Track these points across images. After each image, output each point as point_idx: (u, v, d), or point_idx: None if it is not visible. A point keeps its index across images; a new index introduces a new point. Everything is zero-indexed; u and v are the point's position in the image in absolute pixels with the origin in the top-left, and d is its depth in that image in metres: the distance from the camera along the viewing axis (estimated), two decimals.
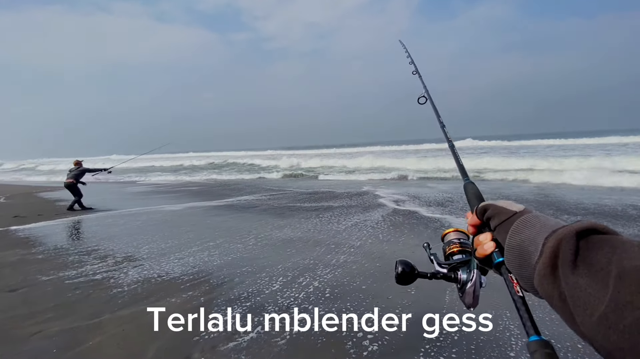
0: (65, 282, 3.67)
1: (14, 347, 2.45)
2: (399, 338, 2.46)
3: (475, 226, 0.67)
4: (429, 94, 1.26)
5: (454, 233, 0.77)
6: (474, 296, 0.68)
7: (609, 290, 0.38)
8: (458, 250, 0.74)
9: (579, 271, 0.42)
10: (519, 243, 0.53)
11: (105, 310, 2.99)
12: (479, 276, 0.68)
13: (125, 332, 2.64)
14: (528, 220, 0.54)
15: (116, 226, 6.53)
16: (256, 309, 2.89)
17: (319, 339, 2.48)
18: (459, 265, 0.72)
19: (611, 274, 0.38)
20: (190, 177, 19.79)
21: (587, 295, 0.40)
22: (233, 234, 5.50)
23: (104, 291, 3.40)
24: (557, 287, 0.44)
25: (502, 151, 24.44)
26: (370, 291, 3.22)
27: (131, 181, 18.55)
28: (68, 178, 8.92)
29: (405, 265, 0.73)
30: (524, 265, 0.51)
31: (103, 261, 4.35)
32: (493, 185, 10.94)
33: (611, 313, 0.36)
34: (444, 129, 1.12)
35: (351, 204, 8.04)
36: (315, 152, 36.54)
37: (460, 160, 0.97)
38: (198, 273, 3.78)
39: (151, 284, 3.54)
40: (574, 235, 0.44)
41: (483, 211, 0.64)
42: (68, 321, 2.82)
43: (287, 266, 3.93)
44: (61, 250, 4.92)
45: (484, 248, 0.62)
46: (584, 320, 0.40)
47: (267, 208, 8.04)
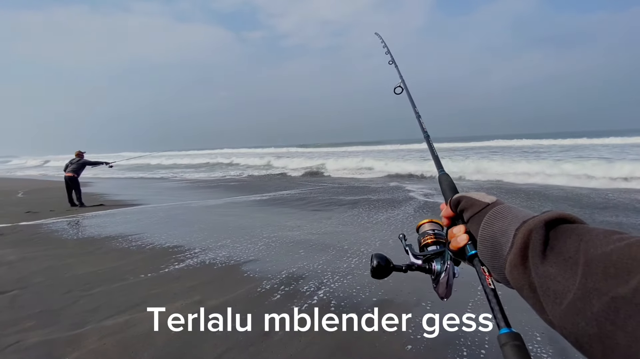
0: (58, 285, 3.49)
1: None
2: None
3: (449, 218, 0.67)
4: (405, 84, 1.27)
5: (428, 224, 0.77)
6: (447, 287, 0.69)
7: (577, 278, 0.38)
8: (432, 241, 0.74)
9: (548, 261, 0.42)
10: (491, 234, 0.53)
11: (89, 320, 2.76)
12: (452, 267, 0.69)
13: (106, 347, 2.39)
14: (499, 212, 0.55)
15: (131, 221, 6.40)
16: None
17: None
18: (433, 256, 0.72)
19: (579, 262, 0.39)
20: (222, 173, 19.96)
21: (556, 283, 0.40)
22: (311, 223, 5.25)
23: (96, 296, 3.19)
24: (527, 277, 0.44)
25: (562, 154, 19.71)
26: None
27: (162, 178, 18.60)
28: (68, 171, 8.79)
29: (380, 258, 0.73)
30: (496, 256, 0.52)
31: (103, 263, 4.16)
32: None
33: (579, 300, 0.37)
34: (419, 119, 1.13)
35: (386, 197, 8.68)
36: (338, 150, 36.11)
37: (435, 151, 0.97)
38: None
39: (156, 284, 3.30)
40: (543, 225, 0.45)
41: (456, 203, 0.64)
42: (48, 331, 2.60)
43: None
44: (63, 249, 4.79)
45: (457, 241, 0.62)
46: (553, 309, 0.40)
47: (312, 200, 8.62)
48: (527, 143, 32.54)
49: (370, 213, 6.75)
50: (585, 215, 6.17)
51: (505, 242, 0.50)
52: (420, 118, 1.14)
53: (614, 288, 0.35)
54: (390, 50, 1.50)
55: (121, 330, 2.60)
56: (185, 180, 17.02)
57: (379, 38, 1.65)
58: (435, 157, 0.95)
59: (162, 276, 3.67)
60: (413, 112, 1.17)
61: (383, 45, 1.55)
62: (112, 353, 2.32)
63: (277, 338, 2.48)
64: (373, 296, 3.06)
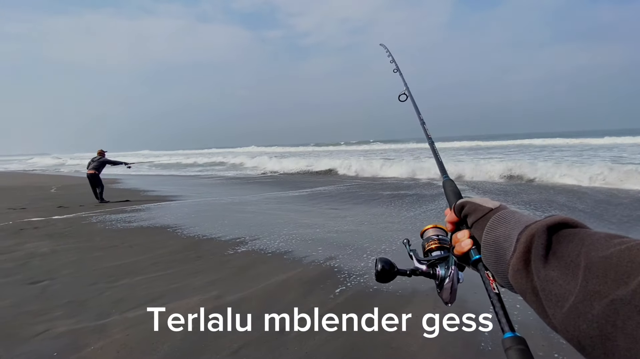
0: (85, 277, 3.64)
1: (13, 348, 2.36)
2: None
3: (453, 223, 0.68)
4: (409, 92, 1.29)
5: (432, 230, 0.78)
6: (451, 292, 0.69)
7: (578, 281, 0.38)
8: (436, 247, 0.74)
9: (550, 265, 0.43)
10: (494, 239, 0.54)
11: (113, 311, 2.86)
12: (457, 272, 0.69)
13: (129, 338, 2.47)
14: (503, 216, 0.55)
15: (155, 217, 6.62)
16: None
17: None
18: (437, 261, 0.72)
19: (580, 265, 0.39)
20: (256, 169, 20.18)
21: (557, 287, 0.41)
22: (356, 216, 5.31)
23: (120, 288, 3.31)
24: (530, 281, 0.45)
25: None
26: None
27: (194, 175, 18.82)
28: (90, 169, 9.27)
29: (384, 262, 0.73)
30: (499, 261, 0.52)
31: (128, 256, 4.32)
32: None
33: (580, 303, 0.37)
34: (424, 126, 1.15)
35: (423, 192, 9.20)
36: (364, 148, 35.43)
37: (440, 156, 0.98)
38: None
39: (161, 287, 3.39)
40: (545, 229, 0.45)
41: (460, 208, 0.65)
42: (75, 320, 2.72)
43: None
44: (91, 242, 5.00)
45: (461, 246, 0.62)
46: (555, 312, 0.40)
47: (350, 195, 9.20)
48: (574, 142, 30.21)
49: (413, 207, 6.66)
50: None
51: (508, 247, 0.50)
52: (424, 124, 1.16)
53: (614, 290, 0.35)
54: (395, 59, 1.59)
55: (143, 322, 2.68)
56: (238, 177, 17.08)
57: (384, 48, 1.75)
58: (439, 163, 0.96)
59: (182, 271, 3.76)
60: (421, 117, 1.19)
61: (388, 54, 1.64)
62: (134, 344, 2.40)
63: (293, 336, 2.48)
64: (392, 295, 3.01)
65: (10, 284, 3.48)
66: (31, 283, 3.50)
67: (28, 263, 4.11)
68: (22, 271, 3.86)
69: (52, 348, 2.36)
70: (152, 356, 2.26)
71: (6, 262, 4.16)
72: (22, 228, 6.01)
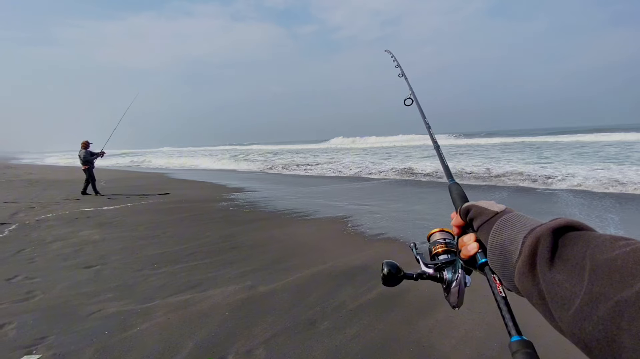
0: (132, 263, 3.93)
1: (71, 325, 2.61)
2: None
3: (459, 227, 0.68)
4: (415, 96, 1.31)
5: (439, 233, 0.78)
6: (458, 296, 0.68)
7: (583, 284, 0.38)
8: (443, 250, 0.74)
9: (555, 268, 0.43)
10: (500, 243, 0.54)
11: (156, 296, 3.07)
12: (464, 276, 0.69)
13: (170, 321, 2.65)
14: (508, 220, 0.55)
15: (191, 210, 6.99)
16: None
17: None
18: (445, 265, 0.72)
19: (585, 268, 0.39)
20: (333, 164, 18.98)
21: (563, 290, 0.41)
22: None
23: (162, 275, 3.54)
24: (536, 285, 0.45)
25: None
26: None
27: (261, 171, 17.72)
28: (83, 164, 9.87)
29: (391, 266, 0.73)
30: (505, 264, 0.52)
31: (168, 246, 4.60)
32: None
33: (586, 305, 0.37)
34: (429, 130, 1.16)
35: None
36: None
37: (445, 160, 0.99)
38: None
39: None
40: (550, 232, 0.45)
41: (466, 212, 0.65)
42: (123, 303, 2.95)
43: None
44: (135, 232, 5.38)
45: (467, 249, 0.63)
46: (562, 315, 0.40)
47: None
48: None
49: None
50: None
51: (514, 250, 0.50)
52: (430, 128, 1.17)
53: (619, 292, 0.35)
54: (401, 64, 1.63)
55: (183, 307, 2.85)
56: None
57: (389, 54, 1.77)
58: (445, 167, 0.96)
59: (218, 261, 3.94)
60: (429, 121, 1.21)
61: (393, 59, 1.68)
62: (175, 327, 2.56)
63: (324, 328, 2.52)
64: (425, 294, 2.96)
65: (68, 268, 3.84)
66: (85, 267, 3.84)
67: (82, 249, 4.51)
68: (78, 256, 4.24)
69: (103, 327, 2.58)
70: (190, 340, 2.40)
71: (65, 248, 4.58)
72: (77, 217, 6.58)
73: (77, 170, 11.40)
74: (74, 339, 2.42)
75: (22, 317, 2.72)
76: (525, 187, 9.09)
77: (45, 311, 2.82)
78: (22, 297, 3.08)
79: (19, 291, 3.21)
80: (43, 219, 6.39)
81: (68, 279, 3.49)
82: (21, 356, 2.23)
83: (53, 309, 2.86)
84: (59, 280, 3.46)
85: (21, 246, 4.66)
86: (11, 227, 5.73)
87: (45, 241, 4.89)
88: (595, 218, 5.52)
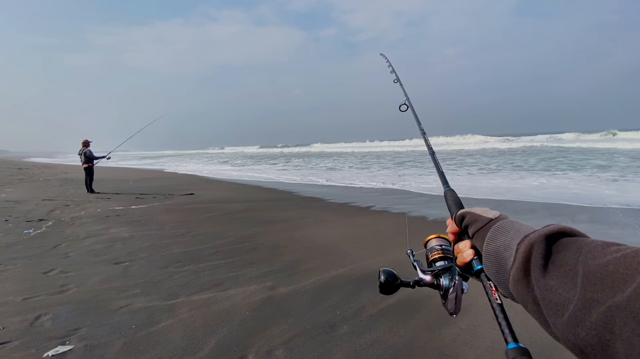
0: (158, 261, 4.07)
1: (101, 318, 2.73)
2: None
3: (455, 234, 0.68)
4: (409, 102, 1.31)
5: (435, 240, 0.77)
6: (455, 303, 0.68)
7: (576, 289, 0.39)
8: (440, 257, 0.74)
9: (549, 274, 0.43)
10: (495, 249, 0.54)
11: (180, 293, 3.16)
12: (461, 282, 0.69)
13: (193, 318, 2.72)
14: (503, 226, 0.55)
15: (215, 210, 7.17)
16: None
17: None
18: (441, 271, 0.72)
19: (578, 274, 0.40)
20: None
21: (557, 296, 0.41)
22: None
23: (186, 273, 3.64)
24: (530, 291, 0.45)
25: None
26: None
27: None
28: (84, 163, 10.55)
29: (388, 274, 0.73)
30: (500, 270, 0.52)
31: (192, 244, 4.73)
32: None
33: (579, 311, 0.38)
34: (424, 136, 1.17)
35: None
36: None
37: (441, 166, 0.98)
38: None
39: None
40: (544, 239, 0.45)
41: (461, 219, 0.65)
42: (150, 299, 3.06)
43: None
44: (161, 231, 5.57)
45: (463, 256, 0.63)
46: (556, 321, 0.41)
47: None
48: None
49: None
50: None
51: (508, 257, 0.51)
52: (425, 134, 1.18)
53: (611, 297, 0.36)
54: (395, 70, 1.63)
55: (205, 305, 2.92)
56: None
57: (384, 58, 1.76)
58: (440, 173, 0.96)
59: (239, 261, 4.01)
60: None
61: (388, 64, 1.67)
62: (198, 324, 2.63)
63: (343, 332, 2.50)
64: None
65: (99, 263, 4.03)
66: (115, 263, 4.01)
67: (112, 246, 4.71)
68: (108, 252, 4.44)
69: (131, 321, 2.68)
70: (212, 337, 2.45)
71: (96, 244, 4.82)
72: (107, 215, 6.90)
73: (108, 170, 12.02)
74: (103, 332, 2.53)
75: (57, 309, 2.87)
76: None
77: (78, 304, 2.97)
78: (57, 290, 3.26)
79: (54, 283, 3.40)
80: (77, 216, 6.74)
81: (99, 274, 3.66)
82: (55, 346, 2.35)
83: (85, 302, 3.01)
84: (90, 275, 3.63)
85: (57, 241, 4.94)
86: (49, 223, 6.09)
87: (78, 237, 5.16)
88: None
